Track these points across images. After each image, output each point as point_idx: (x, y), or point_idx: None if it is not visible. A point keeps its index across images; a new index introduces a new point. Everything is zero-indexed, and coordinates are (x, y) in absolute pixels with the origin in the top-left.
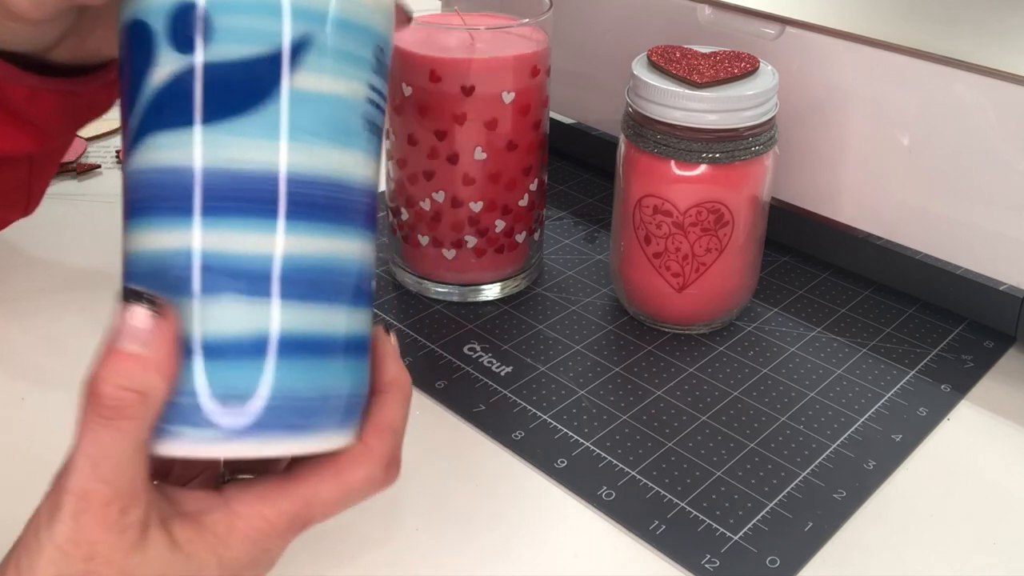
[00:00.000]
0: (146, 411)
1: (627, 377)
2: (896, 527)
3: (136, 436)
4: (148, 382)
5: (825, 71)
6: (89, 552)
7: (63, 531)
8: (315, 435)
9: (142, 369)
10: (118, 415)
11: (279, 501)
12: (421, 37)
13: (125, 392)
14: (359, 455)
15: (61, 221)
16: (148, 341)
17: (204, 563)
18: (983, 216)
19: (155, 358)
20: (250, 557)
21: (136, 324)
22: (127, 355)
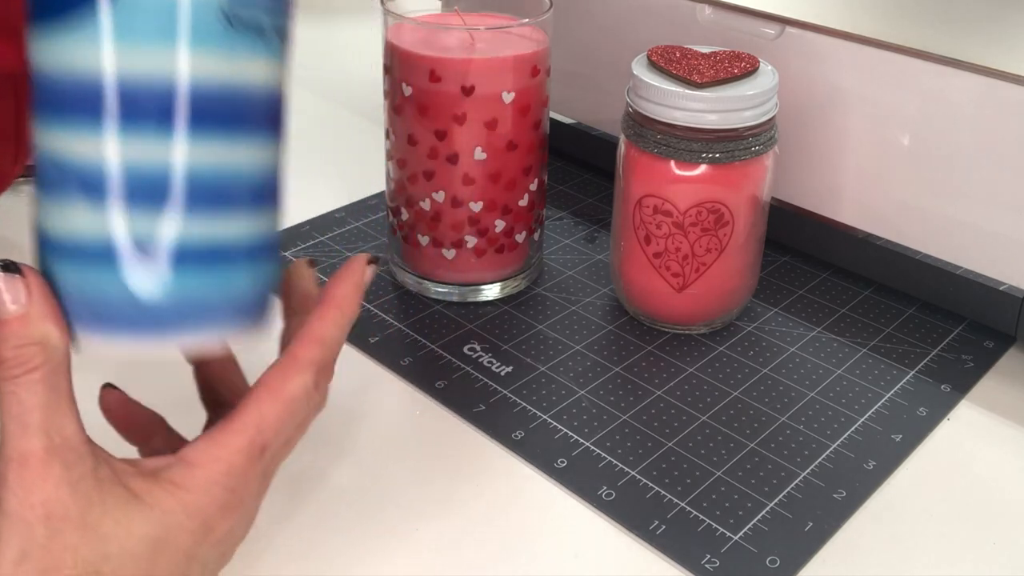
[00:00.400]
0: (51, 357)
1: (627, 377)
2: (896, 527)
3: (51, 384)
4: (39, 332)
5: (825, 71)
6: (44, 512)
7: (13, 500)
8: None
9: (28, 324)
10: (25, 369)
11: (228, 438)
12: (421, 37)
13: (23, 348)
14: (287, 366)
15: None
16: (21, 299)
17: (168, 511)
18: (983, 216)
19: (35, 310)
20: (218, 503)
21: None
22: (14, 318)
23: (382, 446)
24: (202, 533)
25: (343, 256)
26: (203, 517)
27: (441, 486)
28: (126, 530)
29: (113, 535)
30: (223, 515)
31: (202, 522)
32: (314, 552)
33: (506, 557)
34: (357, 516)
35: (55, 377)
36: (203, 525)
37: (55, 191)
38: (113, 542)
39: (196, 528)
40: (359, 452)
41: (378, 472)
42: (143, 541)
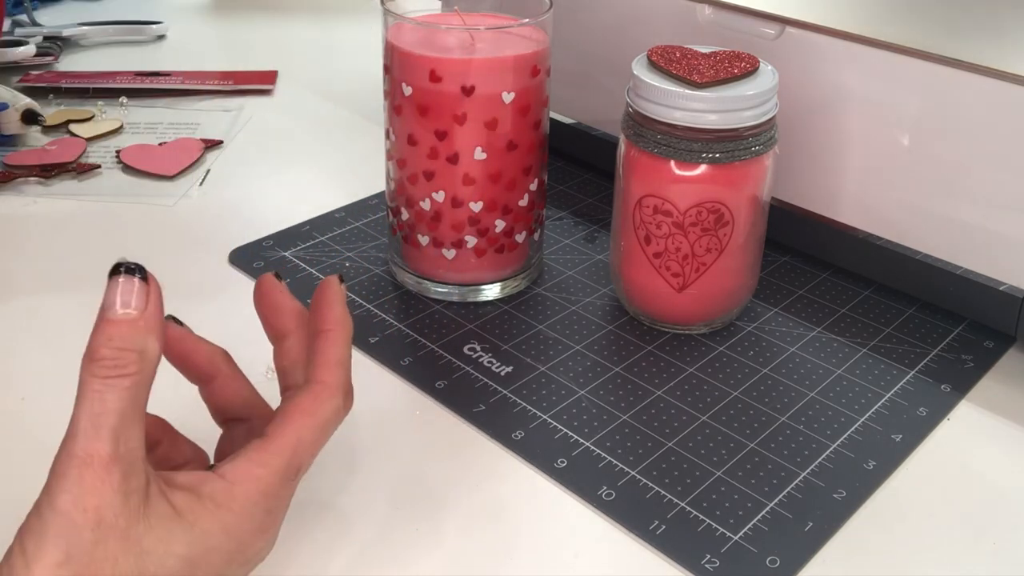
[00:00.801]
0: (143, 369)
1: (627, 377)
2: (896, 527)
3: (136, 396)
4: (143, 342)
5: (825, 71)
6: (96, 518)
7: (67, 499)
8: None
9: (136, 330)
10: (118, 373)
11: (267, 459)
12: (421, 37)
13: (123, 351)
14: (321, 392)
15: (61, 221)
16: (139, 306)
17: (208, 531)
18: (983, 216)
19: (146, 320)
20: (254, 522)
21: (126, 292)
22: (120, 320)
23: (382, 446)
24: (234, 554)
25: (343, 256)
26: (239, 539)
27: (441, 486)
28: (166, 548)
29: (153, 551)
30: (256, 537)
31: (237, 543)
32: (314, 552)
33: (506, 557)
34: (356, 516)
35: (140, 388)
36: (238, 546)
37: None
38: (152, 559)
39: (231, 549)
40: (359, 452)
41: (378, 472)
42: (180, 560)
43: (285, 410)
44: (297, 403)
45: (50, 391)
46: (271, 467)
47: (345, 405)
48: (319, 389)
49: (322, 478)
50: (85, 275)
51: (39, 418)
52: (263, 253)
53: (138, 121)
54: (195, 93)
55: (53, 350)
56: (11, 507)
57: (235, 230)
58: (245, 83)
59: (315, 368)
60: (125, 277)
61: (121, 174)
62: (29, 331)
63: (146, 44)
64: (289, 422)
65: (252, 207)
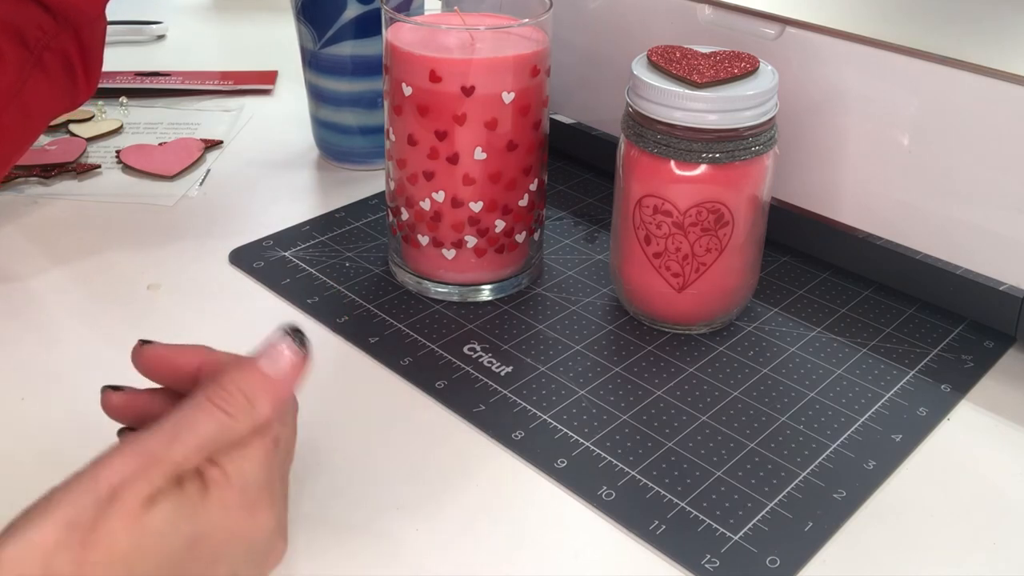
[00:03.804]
0: (245, 420)
1: (627, 377)
2: (896, 527)
3: (223, 432)
4: (260, 401)
5: (825, 71)
6: (114, 494)
7: (110, 471)
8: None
9: (263, 389)
10: (224, 408)
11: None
12: (421, 37)
13: (240, 395)
14: None
15: (61, 221)
16: (280, 371)
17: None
18: (983, 216)
19: (277, 387)
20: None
21: (282, 356)
22: (260, 372)
23: (382, 446)
24: (233, 533)
25: (343, 256)
26: (237, 522)
27: (441, 486)
28: (168, 525)
29: (152, 529)
30: (255, 517)
31: (235, 521)
32: (313, 552)
33: (506, 557)
34: (356, 516)
35: (230, 432)
36: (235, 524)
37: None
38: (151, 536)
39: (230, 527)
40: (358, 452)
41: (378, 472)
42: (179, 538)
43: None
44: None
45: (50, 391)
46: (251, 445)
47: None
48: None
49: (322, 478)
50: (85, 275)
51: (39, 418)
52: (263, 253)
53: (138, 121)
54: (195, 93)
55: (53, 350)
56: (11, 507)
57: (235, 230)
58: (245, 83)
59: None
60: (292, 344)
61: (121, 174)
62: (29, 331)
63: (146, 44)
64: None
65: (252, 207)
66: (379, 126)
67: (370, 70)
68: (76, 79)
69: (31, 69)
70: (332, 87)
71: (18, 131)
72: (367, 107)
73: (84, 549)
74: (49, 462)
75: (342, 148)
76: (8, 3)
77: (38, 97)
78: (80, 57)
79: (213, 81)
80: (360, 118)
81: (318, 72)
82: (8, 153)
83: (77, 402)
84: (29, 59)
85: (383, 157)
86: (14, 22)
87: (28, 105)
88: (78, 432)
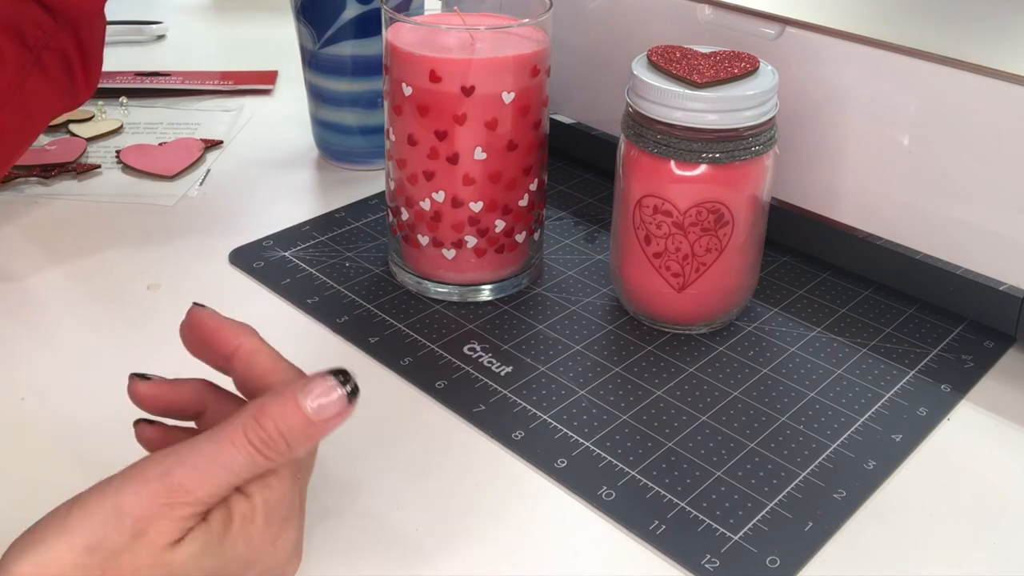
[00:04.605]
0: (278, 461)
1: (627, 377)
2: (896, 527)
3: (254, 472)
4: (300, 446)
5: (825, 71)
6: (143, 530)
7: (134, 501)
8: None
9: (306, 434)
10: (260, 447)
11: None
12: (421, 37)
13: (279, 437)
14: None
15: (61, 221)
16: (324, 416)
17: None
18: (983, 216)
19: (317, 431)
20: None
21: (330, 401)
22: (304, 417)
23: (382, 446)
24: (253, 562)
25: (343, 256)
26: (259, 547)
27: (441, 486)
28: (196, 563)
29: (182, 566)
30: (276, 546)
31: (257, 552)
32: (313, 552)
33: (506, 557)
34: (357, 516)
35: (261, 471)
36: (256, 555)
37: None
38: (176, 570)
39: (250, 558)
40: (358, 452)
41: (378, 472)
42: (205, 572)
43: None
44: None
45: (50, 391)
46: (280, 475)
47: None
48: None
49: (321, 478)
50: (85, 275)
51: (39, 418)
52: (263, 253)
53: (138, 121)
54: (195, 93)
55: (53, 350)
56: (11, 507)
57: (235, 230)
58: (245, 83)
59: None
60: (342, 390)
61: (121, 174)
62: (29, 331)
63: (146, 44)
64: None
65: (252, 207)
66: (379, 126)
67: (370, 70)
68: (75, 79)
69: (30, 68)
70: (332, 87)
71: (17, 131)
72: (367, 107)
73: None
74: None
75: (342, 148)
76: (7, 1)
77: (37, 96)
78: (80, 56)
79: (213, 81)
80: (360, 118)
81: (318, 72)
82: (7, 153)
83: (77, 402)
84: (28, 58)
85: (383, 157)
86: (13, 20)
87: (27, 104)
88: (78, 432)
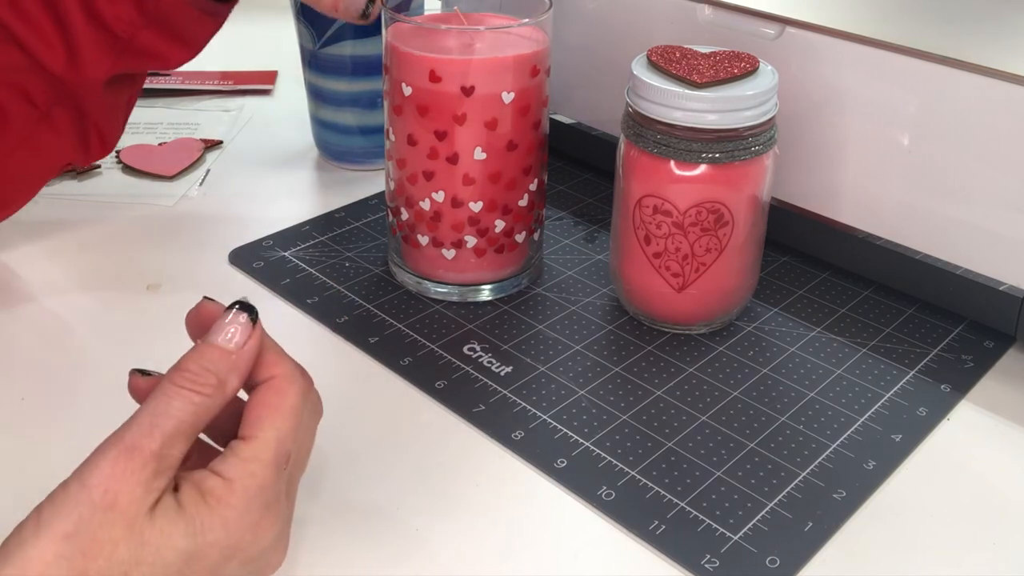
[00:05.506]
0: (215, 395)
1: (627, 377)
2: (896, 527)
3: (198, 413)
4: (227, 373)
5: (825, 71)
6: (112, 501)
7: (98, 477)
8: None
9: (226, 360)
10: (193, 388)
11: (257, 455)
12: (421, 37)
13: (207, 372)
14: (278, 382)
15: (61, 221)
16: (238, 342)
17: (207, 526)
18: (983, 216)
19: (238, 357)
20: (252, 516)
21: (233, 326)
22: (219, 348)
23: (382, 446)
24: (233, 550)
25: (343, 256)
26: (238, 534)
27: (441, 486)
28: (166, 540)
29: (151, 542)
30: (256, 534)
31: (236, 539)
32: (313, 552)
33: (506, 557)
34: (356, 516)
35: (204, 410)
36: (236, 542)
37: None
38: (150, 549)
39: (229, 545)
40: (358, 452)
41: (378, 472)
42: (177, 553)
43: (253, 411)
44: (261, 401)
45: (50, 391)
46: (262, 461)
47: (305, 383)
48: (275, 381)
49: (321, 478)
50: (85, 275)
51: (39, 418)
52: (263, 253)
53: (138, 121)
54: (195, 93)
55: (53, 350)
56: (11, 507)
57: (235, 230)
58: (245, 83)
59: (261, 366)
60: (237, 314)
61: (121, 174)
62: (29, 331)
63: None
64: (262, 420)
65: (252, 207)
66: (379, 126)
67: (370, 70)
68: (88, 136)
69: (37, 122)
70: (332, 87)
71: (22, 179)
72: (367, 107)
73: (85, 559)
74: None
75: (342, 148)
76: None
77: (44, 148)
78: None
79: (213, 81)
80: (360, 118)
81: (318, 72)
82: (8, 200)
83: (77, 402)
84: (34, 114)
85: (383, 157)
86: (20, 83)
87: (34, 155)
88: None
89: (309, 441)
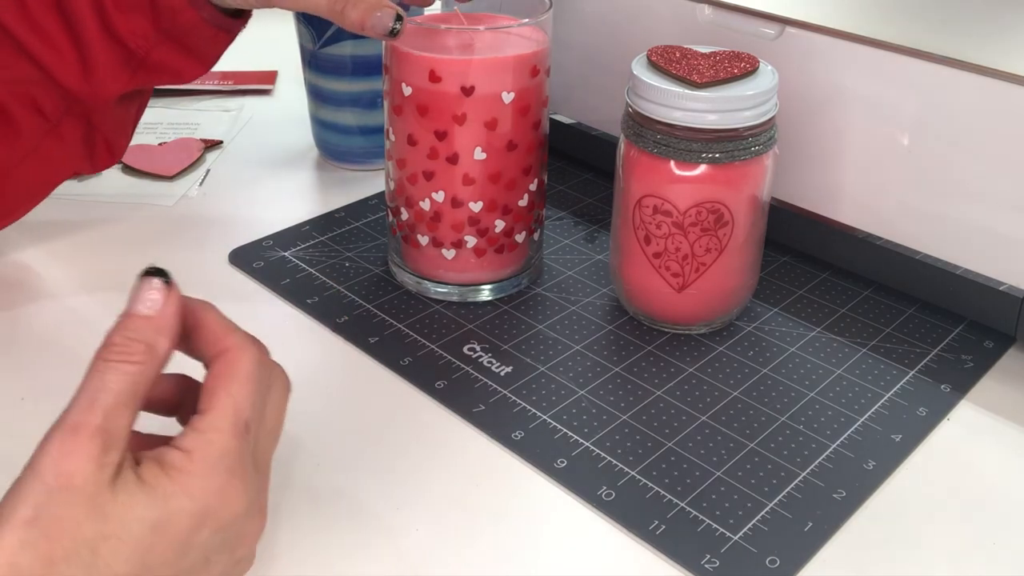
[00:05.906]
0: (148, 361)
1: (627, 377)
2: (896, 527)
3: (135, 381)
4: (153, 337)
5: (825, 71)
6: (67, 482)
7: (47, 462)
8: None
9: (149, 325)
10: (124, 358)
11: (213, 423)
12: (421, 37)
13: (133, 342)
14: (227, 354)
15: (61, 221)
16: (154, 306)
17: (170, 494)
18: (983, 216)
19: (160, 319)
20: (216, 480)
21: (148, 292)
22: (139, 315)
23: (381, 446)
24: (201, 517)
25: (343, 256)
26: (204, 500)
27: (441, 486)
28: (129, 511)
29: (114, 515)
30: (224, 499)
31: (203, 505)
32: (314, 552)
33: (506, 557)
34: (357, 516)
35: (141, 377)
36: (203, 508)
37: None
38: (114, 521)
39: (196, 511)
40: (358, 452)
41: (377, 472)
42: (143, 523)
43: (208, 385)
44: (215, 373)
45: (50, 391)
46: (219, 430)
47: (257, 351)
48: (228, 354)
49: (321, 478)
50: (85, 275)
51: (39, 418)
52: (263, 253)
53: None
54: (195, 93)
55: (53, 350)
56: None
57: (235, 230)
58: (245, 83)
59: (210, 344)
60: (147, 280)
61: (121, 174)
62: (29, 331)
63: None
64: (217, 391)
65: (252, 207)
66: (379, 126)
67: (370, 70)
68: (95, 147)
69: (45, 134)
70: (332, 87)
71: (28, 187)
72: (367, 107)
73: (50, 541)
74: None
75: (342, 148)
76: (29, 79)
77: (51, 159)
78: (101, 130)
79: (213, 81)
80: (360, 118)
81: (318, 72)
82: (11, 208)
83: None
84: (44, 126)
85: (383, 157)
86: (31, 95)
87: (41, 165)
88: None
89: (274, 412)
